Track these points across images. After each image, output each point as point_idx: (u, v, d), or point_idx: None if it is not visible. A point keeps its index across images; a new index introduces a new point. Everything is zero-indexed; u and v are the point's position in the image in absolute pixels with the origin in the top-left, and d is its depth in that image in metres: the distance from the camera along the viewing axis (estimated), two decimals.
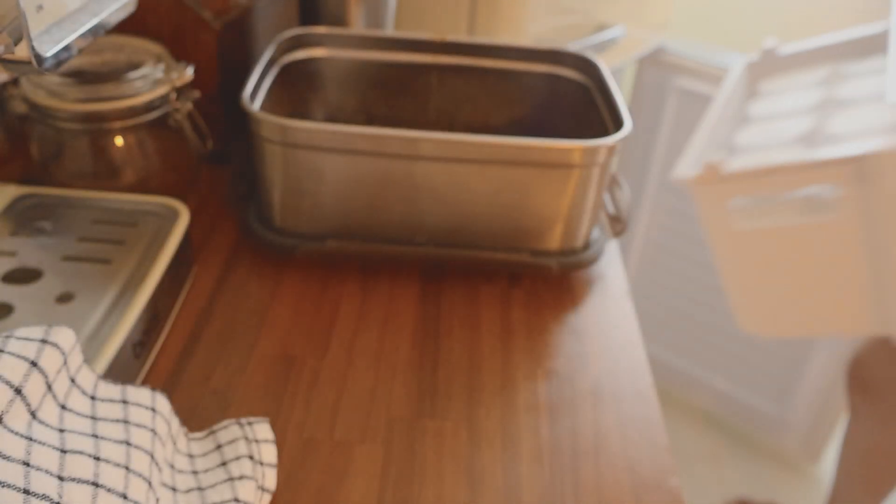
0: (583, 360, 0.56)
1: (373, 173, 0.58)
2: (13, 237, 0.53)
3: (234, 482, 0.41)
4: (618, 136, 0.58)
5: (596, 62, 0.71)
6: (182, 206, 0.58)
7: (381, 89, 0.76)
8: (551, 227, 0.61)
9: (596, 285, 0.64)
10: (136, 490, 0.35)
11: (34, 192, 0.58)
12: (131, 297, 0.49)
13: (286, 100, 0.73)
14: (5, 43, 0.36)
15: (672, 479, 0.47)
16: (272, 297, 0.59)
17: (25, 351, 0.36)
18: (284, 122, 0.56)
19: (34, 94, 0.58)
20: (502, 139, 0.58)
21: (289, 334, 0.55)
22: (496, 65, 0.75)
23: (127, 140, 0.61)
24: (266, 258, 0.63)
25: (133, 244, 0.54)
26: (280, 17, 0.81)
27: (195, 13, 0.68)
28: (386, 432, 0.48)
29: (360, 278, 0.62)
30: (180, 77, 0.61)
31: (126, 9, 0.48)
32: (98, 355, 0.44)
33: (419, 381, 0.52)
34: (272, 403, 0.49)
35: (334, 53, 0.74)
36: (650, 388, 0.54)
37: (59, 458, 0.34)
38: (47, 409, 0.36)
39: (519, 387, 0.53)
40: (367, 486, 0.44)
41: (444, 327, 0.57)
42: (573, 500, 0.45)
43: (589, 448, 0.48)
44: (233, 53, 0.72)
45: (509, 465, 0.47)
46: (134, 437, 0.38)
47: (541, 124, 0.77)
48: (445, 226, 0.61)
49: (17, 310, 0.47)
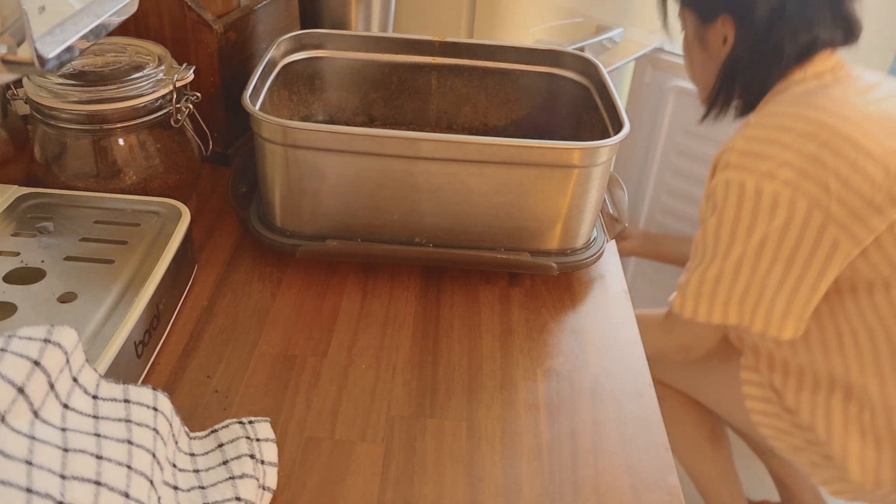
0: (582, 359, 0.56)
1: (373, 173, 0.58)
2: (16, 237, 0.53)
3: (236, 481, 0.41)
4: (617, 137, 0.58)
5: (595, 63, 0.72)
6: (183, 206, 0.58)
7: (382, 90, 0.77)
8: (551, 228, 0.61)
9: (596, 285, 0.64)
10: (137, 489, 0.36)
11: (37, 192, 0.58)
12: (133, 297, 0.49)
13: (287, 100, 0.73)
14: (8, 44, 0.37)
15: (671, 478, 0.47)
16: (273, 296, 0.59)
17: (28, 350, 0.36)
18: (285, 122, 0.56)
19: (37, 94, 0.58)
20: (502, 140, 0.58)
21: (289, 334, 0.56)
22: (496, 65, 0.75)
23: (129, 141, 0.61)
24: (267, 258, 0.63)
25: (135, 244, 0.54)
26: (281, 18, 0.81)
27: (197, 14, 0.68)
28: (386, 431, 0.48)
29: (360, 278, 0.62)
30: (182, 78, 0.61)
31: (127, 10, 0.48)
32: (100, 355, 0.44)
33: (419, 381, 0.52)
34: (273, 402, 0.50)
35: (335, 54, 0.74)
36: (649, 387, 0.54)
37: (62, 456, 0.34)
38: (50, 408, 0.36)
39: (518, 386, 0.53)
40: (368, 485, 0.45)
41: (444, 327, 0.58)
42: (572, 498, 0.45)
43: (588, 447, 0.49)
44: (234, 54, 0.72)
45: (509, 464, 0.47)
46: (136, 435, 0.38)
47: (540, 125, 0.77)
48: (445, 226, 0.61)
49: (19, 309, 0.47)
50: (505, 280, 0.63)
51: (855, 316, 0.91)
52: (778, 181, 0.84)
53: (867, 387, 0.92)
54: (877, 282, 0.89)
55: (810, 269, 0.87)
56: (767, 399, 1.03)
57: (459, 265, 0.63)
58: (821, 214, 0.84)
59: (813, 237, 0.85)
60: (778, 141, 0.86)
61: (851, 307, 0.91)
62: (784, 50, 0.92)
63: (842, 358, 0.94)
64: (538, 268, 0.62)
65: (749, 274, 0.89)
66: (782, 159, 0.85)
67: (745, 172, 0.86)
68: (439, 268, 0.64)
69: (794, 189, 0.84)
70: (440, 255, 0.61)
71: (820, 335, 0.95)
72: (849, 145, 0.83)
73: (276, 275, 0.61)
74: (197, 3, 0.68)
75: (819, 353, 0.96)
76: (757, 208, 0.86)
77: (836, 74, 0.92)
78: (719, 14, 0.97)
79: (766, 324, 0.89)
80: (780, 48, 0.92)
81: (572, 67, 0.74)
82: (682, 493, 0.47)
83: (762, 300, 0.89)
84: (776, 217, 0.85)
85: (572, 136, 0.73)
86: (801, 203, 0.84)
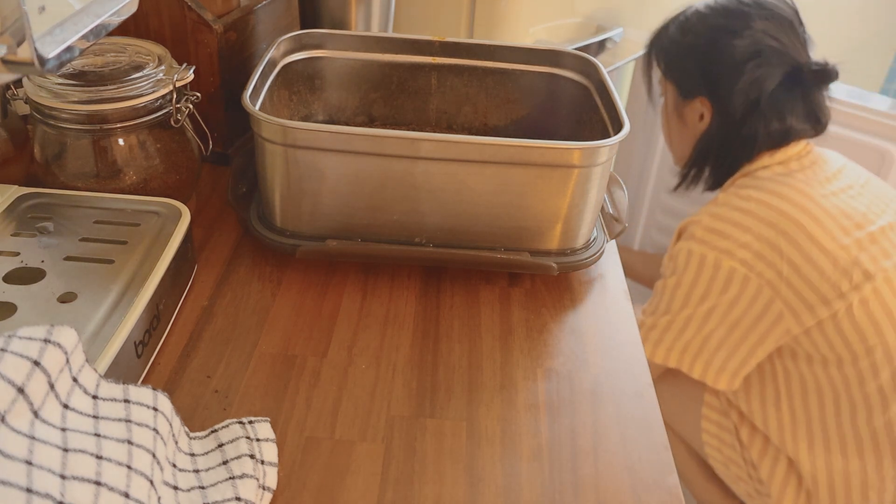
0: (582, 359, 0.56)
1: (373, 174, 0.58)
2: (16, 237, 0.53)
3: (236, 481, 0.41)
4: (617, 137, 0.58)
5: (595, 63, 0.72)
6: (183, 206, 0.58)
7: (382, 90, 0.77)
8: (551, 228, 0.61)
9: (595, 285, 0.64)
10: (137, 489, 0.36)
11: (37, 192, 0.58)
12: (133, 297, 0.49)
13: (287, 100, 0.73)
14: (8, 44, 0.37)
15: (671, 478, 0.47)
16: (273, 296, 0.59)
17: (28, 350, 0.36)
18: (285, 122, 0.56)
19: (37, 94, 0.58)
20: (502, 140, 0.58)
21: (289, 334, 0.56)
22: (496, 65, 0.75)
23: (129, 141, 0.61)
24: (267, 258, 0.63)
25: (135, 244, 0.54)
26: (281, 18, 0.81)
27: (196, 14, 0.68)
28: (386, 431, 0.48)
29: (360, 278, 0.62)
30: (182, 78, 0.61)
31: (127, 10, 0.48)
32: (100, 355, 0.44)
33: (419, 381, 0.52)
34: (273, 402, 0.50)
35: (335, 54, 0.74)
36: (649, 388, 0.54)
37: (62, 456, 0.34)
38: (49, 408, 0.36)
39: (518, 386, 0.53)
40: (368, 485, 0.45)
41: (444, 327, 0.58)
42: (572, 498, 0.45)
43: (588, 447, 0.49)
44: (234, 54, 0.72)
45: (509, 464, 0.47)
46: (136, 436, 0.38)
47: (540, 125, 0.77)
48: (445, 226, 0.61)
49: (19, 309, 0.47)
50: (505, 280, 0.63)
51: (795, 379, 0.99)
52: (736, 259, 0.94)
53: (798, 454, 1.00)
54: (815, 357, 0.96)
55: (751, 335, 0.96)
56: (724, 427, 1.10)
57: (459, 265, 0.63)
58: (770, 292, 0.93)
59: (760, 309, 0.94)
60: (740, 224, 0.95)
61: (792, 370, 0.99)
62: (757, 138, 0.99)
63: (777, 415, 1.02)
64: (538, 268, 0.62)
65: (695, 330, 0.99)
66: (742, 241, 0.94)
67: (707, 247, 0.96)
68: (439, 268, 0.64)
69: (749, 268, 0.93)
70: (440, 255, 0.62)
71: (760, 389, 1.04)
72: (804, 236, 0.91)
73: (276, 275, 0.61)
74: (197, 3, 0.68)
75: (758, 406, 1.04)
76: (713, 279, 0.96)
77: (802, 162, 1.00)
78: (698, 95, 1.03)
79: (703, 373, 1.00)
80: (753, 136, 1.00)
81: (572, 67, 0.74)
82: (681, 493, 0.47)
83: (703, 353, 0.99)
84: (729, 290, 0.95)
85: (572, 136, 0.73)
86: (754, 281, 0.93)
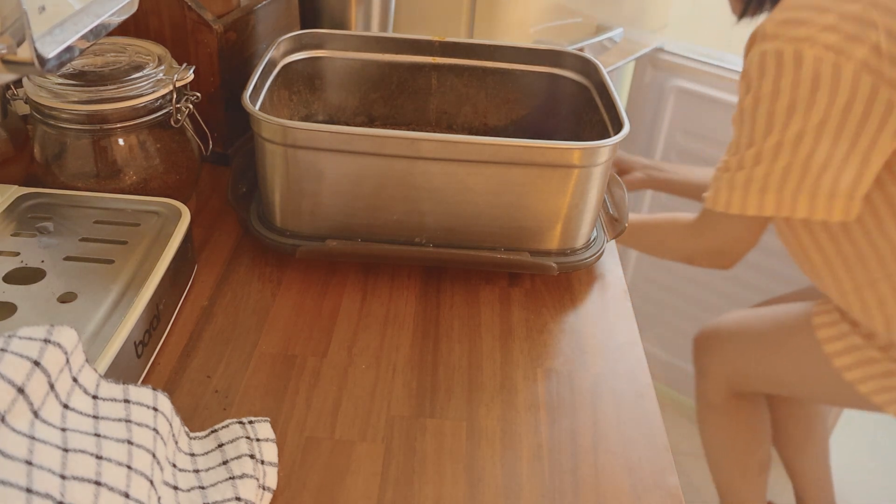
0: (582, 359, 0.56)
1: (373, 173, 0.58)
2: (16, 237, 0.53)
3: (236, 481, 0.41)
4: (617, 137, 0.58)
5: (595, 63, 0.72)
6: (183, 206, 0.58)
7: (382, 90, 0.77)
8: (551, 228, 0.61)
9: (595, 285, 0.64)
10: (137, 489, 0.36)
11: (37, 192, 0.58)
12: (133, 297, 0.49)
13: (287, 100, 0.73)
14: (8, 44, 0.37)
15: (671, 479, 0.47)
16: (273, 296, 0.59)
17: (28, 350, 0.36)
18: (285, 122, 0.56)
19: (36, 94, 0.58)
20: (502, 140, 0.58)
21: (289, 334, 0.56)
22: (496, 65, 0.75)
23: (129, 141, 0.61)
24: (267, 258, 0.63)
25: (135, 244, 0.54)
26: (281, 18, 0.81)
27: (197, 14, 0.68)
28: (386, 431, 0.48)
29: (360, 278, 0.62)
30: (182, 78, 0.61)
31: (127, 10, 0.48)
32: (100, 355, 0.44)
33: (419, 381, 0.52)
34: (273, 402, 0.50)
35: (335, 54, 0.74)
36: (650, 388, 0.54)
37: (62, 456, 0.34)
38: (49, 408, 0.36)
39: (518, 386, 0.53)
40: (368, 485, 0.45)
41: (444, 327, 0.58)
42: (572, 498, 0.45)
43: (588, 447, 0.49)
44: (234, 54, 0.72)
45: (509, 464, 0.47)
46: (136, 436, 0.38)
47: (540, 125, 0.77)
48: (445, 226, 0.61)
49: (19, 309, 0.47)
50: (505, 280, 0.63)
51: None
52: (819, 45, 0.77)
53: None
54: None
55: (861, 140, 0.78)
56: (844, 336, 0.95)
57: (459, 265, 0.63)
58: (870, 77, 0.76)
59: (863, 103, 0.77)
60: (818, 6, 0.79)
61: None
62: None
63: None
64: (538, 268, 0.62)
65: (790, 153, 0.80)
66: (824, 23, 0.77)
67: (782, 40, 0.79)
68: (439, 268, 0.64)
69: (839, 52, 0.77)
70: (440, 255, 0.62)
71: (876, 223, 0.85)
72: None
73: (276, 275, 0.61)
74: (197, 3, 0.68)
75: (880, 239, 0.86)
76: (798, 79, 0.78)
77: None
78: None
79: (810, 207, 0.81)
80: None
81: (572, 67, 0.74)
82: (682, 494, 0.47)
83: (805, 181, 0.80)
84: (819, 88, 0.77)
85: (572, 136, 0.73)
86: (848, 67, 0.76)
